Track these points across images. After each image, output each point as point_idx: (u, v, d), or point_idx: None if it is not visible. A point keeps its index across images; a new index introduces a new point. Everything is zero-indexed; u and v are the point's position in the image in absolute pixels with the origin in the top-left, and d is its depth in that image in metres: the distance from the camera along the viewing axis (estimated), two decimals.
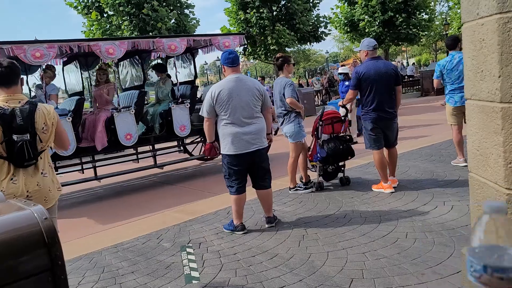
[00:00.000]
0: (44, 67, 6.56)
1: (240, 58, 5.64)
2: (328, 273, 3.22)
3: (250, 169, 4.33)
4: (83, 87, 8.29)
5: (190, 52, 8.53)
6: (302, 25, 21.17)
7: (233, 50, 4.34)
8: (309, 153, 5.74)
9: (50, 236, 1.38)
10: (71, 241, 4.76)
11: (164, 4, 16.90)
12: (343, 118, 5.70)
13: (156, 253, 4.05)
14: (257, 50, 23.30)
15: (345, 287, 2.98)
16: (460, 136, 5.96)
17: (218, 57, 40.87)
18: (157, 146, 7.76)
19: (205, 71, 53.68)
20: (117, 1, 15.98)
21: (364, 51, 5.17)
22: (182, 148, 8.90)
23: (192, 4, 18.48)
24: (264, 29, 21.79)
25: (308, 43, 25.72)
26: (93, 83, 8.32)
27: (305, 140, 5.64)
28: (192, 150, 9.17)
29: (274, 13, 22.19)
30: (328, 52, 44.15)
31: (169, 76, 8.36)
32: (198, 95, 8.63)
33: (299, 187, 5.64)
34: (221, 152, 4.33)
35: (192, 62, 8.72)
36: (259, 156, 4.29)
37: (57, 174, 3.47)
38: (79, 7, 17.63)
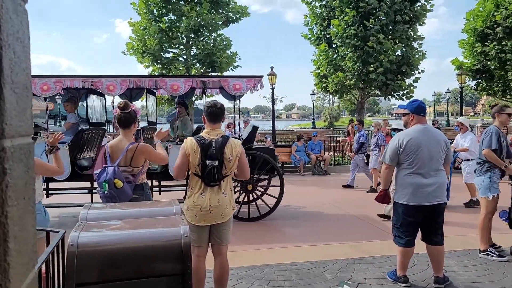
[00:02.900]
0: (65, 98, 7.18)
1: (471, 92, 5.37)
2: None
3: (424, 222, 4.18)
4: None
5: (203, 92, 8.14)
6: None
7: (422, 100, 4.25)
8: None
9: (186, 250, 1.88)
10: (250, 250, 5.49)
11: (390, 37, 17.03)
12: None
13: (316, 281, 4.34)
14: (493, 86, 20.85)
15: None
16: None
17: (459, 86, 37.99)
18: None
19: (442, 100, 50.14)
20: (345, 34, 16.99)
21: None
22: None
23: (422, 36, 17.96)
24: (505, 63, 19.38)
25: None
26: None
27: (497, 197, 5.00)
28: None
29: None
30: None
31: (188, 114, 8.19)
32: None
33: (491, 252, 5.02)
34: (396, 201, 4.27)
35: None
36: (437, 210, 4.11)
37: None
38: (312, 38, 19.52)
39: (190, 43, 18.64)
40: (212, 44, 18.53)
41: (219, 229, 3.46)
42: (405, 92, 17.55)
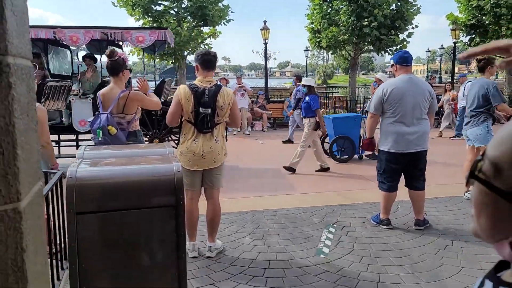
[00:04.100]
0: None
1: (464, 48, 5.45)
2: (451, 286, 3.16)
3: (406, 168, 4.36)
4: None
5: (114, 44, 8.00)
6: None
7: (407, 50, 4.32)
8: None
9: (178, 183, 2.01)
10: (242, 198, 5.69)
11: None
12: None
13: (304, 224, 4.57)
14: (487, 41, 20.74)
15: None
16: None
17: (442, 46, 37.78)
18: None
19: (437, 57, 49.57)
20: None
21: None
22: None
23: None
24: (499, 17, 19.18)
25: None
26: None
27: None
28: None
29: None
30: None
31: (96, 68, 7.96)
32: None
33: None
34: (380, 149, 4.45)
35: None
36: (419, 157, 4.29)
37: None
38: None
39: None
40: None
41: (211, 174, 3.60)
42: (398, 47, 17.43)
